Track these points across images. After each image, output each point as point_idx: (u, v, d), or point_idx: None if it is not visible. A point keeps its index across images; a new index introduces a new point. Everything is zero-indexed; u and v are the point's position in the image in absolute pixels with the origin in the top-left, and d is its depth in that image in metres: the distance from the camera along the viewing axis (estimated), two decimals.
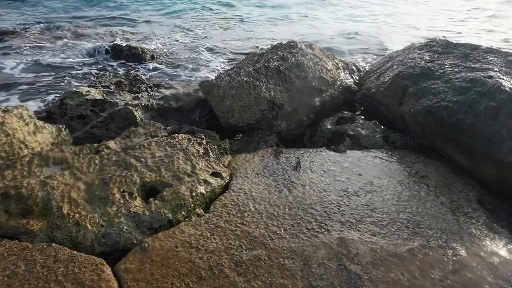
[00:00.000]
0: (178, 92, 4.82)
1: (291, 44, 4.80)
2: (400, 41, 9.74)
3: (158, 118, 4.49)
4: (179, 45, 9.06)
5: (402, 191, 3.02)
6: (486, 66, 3.73)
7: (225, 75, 4.24)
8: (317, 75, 4.43)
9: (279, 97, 4.11)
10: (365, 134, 3.78)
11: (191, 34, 10.11)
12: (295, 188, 2.99)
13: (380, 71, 4.80)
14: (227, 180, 3.08)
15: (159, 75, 6.99)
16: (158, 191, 2.80)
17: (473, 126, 3.24)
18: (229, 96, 4.03)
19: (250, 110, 4.03)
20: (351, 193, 2.95)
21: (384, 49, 8.92)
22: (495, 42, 9.94)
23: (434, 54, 4.39)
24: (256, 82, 4.11)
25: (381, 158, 3.49)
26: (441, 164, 3.49)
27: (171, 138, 3.40)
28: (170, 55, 8.29)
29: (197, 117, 4.59)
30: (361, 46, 9.34)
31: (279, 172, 3.22)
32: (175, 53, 8.41)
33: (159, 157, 3.09)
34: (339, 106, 4.87)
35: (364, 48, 9.10)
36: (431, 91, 3.72)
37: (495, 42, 9.94)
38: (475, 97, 3.35)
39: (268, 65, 4.33)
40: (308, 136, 4.23)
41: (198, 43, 9.33)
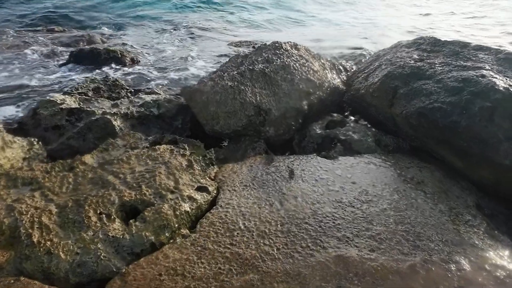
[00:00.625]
0: (159, 98, 4.58)
1: (276, 45, 4.62)
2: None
3: (138, 127, 4.25)
4: (162, 47, 8.78)
5: (399, 199, 2.88)
6: (477, 64, 3.62)
7: (208, 79, 4.03)
8: (304, 77, 4.26)
9: (265, 102, 3.92)
10: (357, 138, 3.62)
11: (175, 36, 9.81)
12: (287, 201, 2.81)
13: (368, 70, 4.66)
14: (214, 195, 2.88)
15: (140, 79, 6.70)
16: (139, 211, 2.58)
17: (468, 128, 3.11)
18: (213, 102, 3.82)
19: (236, 116, 3.83)
20: (346, 204, 2.79)
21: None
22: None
23: (423, 53, 4.27)
24: (241, 87, 3.91)
25: (374, 163, 3.34)
26: (436, 168, 3.36)
27: (152, 150, 3.17)
28: (151, 58, 8.01)
29: (180, 124, 4.36)
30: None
31: (269, 183, 3.03)
32: (157, 56, 8.12)
33: (140, 173, 2.86)
34: (328, 108, 4.71)
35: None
36: (422, 91, 3.59)
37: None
38: (468, 97, 3.23)
39: (253, 68, 4.13)
40: (297, 141, 4.06)
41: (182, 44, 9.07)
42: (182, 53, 8.41)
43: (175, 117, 4.38)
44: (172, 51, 8.54)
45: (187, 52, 8.51)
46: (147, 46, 8.80)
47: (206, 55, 8.46)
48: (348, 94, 4.77)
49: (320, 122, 4.01)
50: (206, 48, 8.96)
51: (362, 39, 9.64)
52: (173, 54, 8.32)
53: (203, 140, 4.24)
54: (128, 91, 5.79)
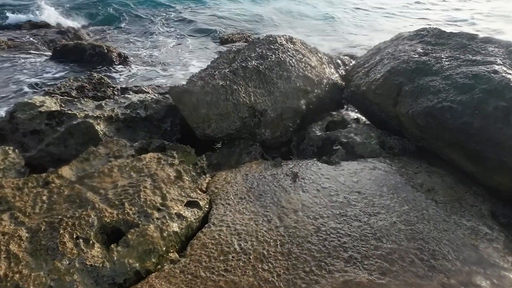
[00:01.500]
0: (146, 98, 4.26)
1: (270, 39, 4.31)
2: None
3: (124, 130, 3.94)
4: (150, 42, 8.40)
5: (409, 210, 2.63)
6: (488, 58, 3.36)
7: (197, 78, 3.72)
8: (301, 74, 3.97)
9: (260, 102, 3.63)
10: (360, 141, 3.36)
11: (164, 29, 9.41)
12: (286, 216, 2.54)
13: (368, 65, 4.38)
14: (205, 210, 2.61)
15: (126, 77, 6.37)
16: (122, 233, 2.30)
17: (481, 130, 2.86)
18: (204, 103, 3.53)
19: (228, 118, 3.54)
20: (352, 218, 2.54)
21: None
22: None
23: (428, 46, 4.00)
24: (233, 86, 3.62)
25: (380, 169, 3.08)
26: (446, 173, 3.11)
27: (137, 160, 2.88)
28: (139, 54, 7.65)
29: (169, 126, 4.06)
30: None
31: (266, 194, 2.77)
32: (146, 52, 7.76)
33: (123, 187, 2.58)
34: (326, 105, 4.44)
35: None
36: (429, 89, 3.33)
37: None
38: (481, 96, 2.97)
39: (246, 65, 3.83)
40: (295, 144, 3.79)
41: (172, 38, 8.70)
42: (171, 47, 8.06)
43: (164, 119, 4.08)
44: (161, 45, 8.17)
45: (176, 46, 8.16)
46: (135, 41, 8.41)
47: (197, 49, 8.12)
48: (348, 91, 4.50)
49: (319, 123, 3.73)
50: (196, 41, 8.61)
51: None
52: (162, 49, 7.96)
53: (194, 143, 3.95)
54: (114, 89, 5.46)
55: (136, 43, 8.28)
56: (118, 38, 8.56)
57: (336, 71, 4.82)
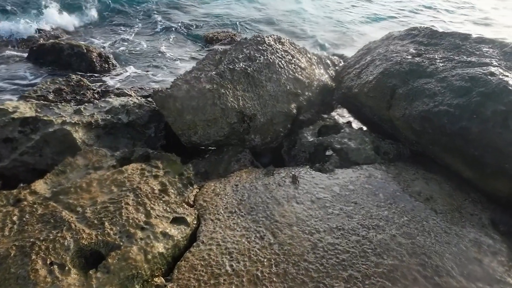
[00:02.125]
0: (128, 102, 4.03)
1: (258, 40, 4.13)
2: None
3: (105, 137, 3.71)
4: (132, 40, 8.11)
5: (409, 222, 2.50)
6: (483, 59, 3.26)
7: (182, 82, 3.52)
8: (291, 76, 3.81)
9: (249, 106, 3.46)
10: (354, 147, 3.22)
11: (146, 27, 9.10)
12: (280, 231, 2.38)
13: (359, 66, 4.25)
14: (193, 226, 2.42)
15: (107, 78, 6.10)
16: (102, 256, 2.10)
17: (480, 135, 2.76)
18: (189, 109, 3.33)
19: (216, 124, 3.35)
20: (350, 232, 2.39)
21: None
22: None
23: (420, 46, 3.89)
24: (221, 90, 3.43)
25: (376, 177, 2.95)
26: (443, 179, 3.01)
27: (118, 173, 2.67)
28: (121, 53, 7.36)
29: (153, 132, 3.84)
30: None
31: (258, 207, 2.60)
32: (127, 50, 7.47)
33: (102, 204, 2.37)
34: (317, 108, 4.30)
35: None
36: (425, 92, 3.21)
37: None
38: (478, 99, 2.87)
39: (234, 68, 3.64)
40: (286, 149, 3.63)
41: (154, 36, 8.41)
42: (155, 46, 7.79)
43: (148, 125, 3.86)
44: (144, 44, 7.89)
45: (160, 45, 7.89)
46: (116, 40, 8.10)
47: (181, 48, 7.87)
48: (338, 92, 4.37)
49: (311, 128, 3.58)
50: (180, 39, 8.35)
51: None
52: (144, 47, 7.69)
53: (180, 149, 3.75)
54: (94, 92, 5.19)
55: (118, 42, 7.97)
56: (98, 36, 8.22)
57: (326, 72, 4.68)
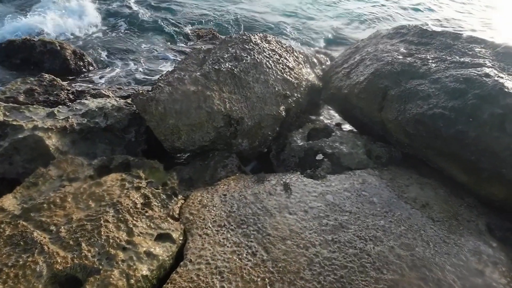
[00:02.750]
0: (106, 104, 3.79)
1: (244, 38, 3.94)
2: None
3: (81, 143, 3.46)
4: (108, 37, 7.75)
5: (406, 231, 2.40)
6: (476, 60, 3.19)
7: (164, 84, 3.30)
8: (279, 77, 3.65)
9: (236, 109, 3.28)
10: (347, 151, 3.10)
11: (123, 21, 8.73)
12: (273, 246, 2.23)
13: (348, 65, 4.13)
14: (180, 243, 2.24)
15: (84, 77, 5.78)
16: (79, 281, 1.90)
17: (477, 139, 2.67)
18: (173, 112, 3.12)
19: (201, 129, 3.16)
20: (346, 244, 2.26)
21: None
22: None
23: (411, 46, 3.80)
24: (206, 92, 3.23)
25: (369, 183, 2.84)
26: (438, 184, 2.92)
27: (96, 185, 2.45)
28: (98, 49, 7.02)
29: (133, 136, 3.62)
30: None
31: (249, 219, 2.44)
32: (105, 46, 7.14)
33: (79, 222, 2.16)
34: (304, 108, 4.17)
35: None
36: (418, 93, 3.11)
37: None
38: (474, 102, 2.78)
39: (219, 68, 3.45)
40: (275, 153, 3.48)
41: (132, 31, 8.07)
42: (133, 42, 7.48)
43: (127, 129, 3.63)
44: (121, 40, 7.57)
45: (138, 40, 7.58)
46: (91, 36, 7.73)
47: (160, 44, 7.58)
48: (327, 93, 4.24)
49: (300, 131, 3.44)
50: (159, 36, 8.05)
51: None
52: (122, 44, 7.36)
53: (163, 154, 3.55)
54: (69, 93, 4.91)
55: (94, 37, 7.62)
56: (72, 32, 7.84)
57: (313, 71, 4.54)
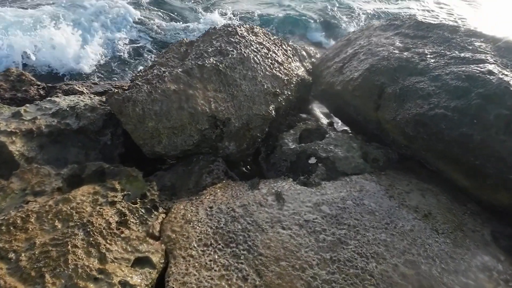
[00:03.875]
0: (79, 103, 3.45)
1: (229, 30, 3.64)
2: None
3: (50, 147, 3.13)
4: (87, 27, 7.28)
5: (410, 247, 2.20)
6: (477, 56, 2.99)
7: (143, 81, 3.00)
8: (268, 73, 3.38)
9: (222, 109, 3.00)
10: (342, 155, 2.88)
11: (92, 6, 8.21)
12: (266, 268, 2.00)
13: (340, 59, 3.89)
14: (161, 267, 1.99)
15: (54, 69, 5.37)
16: None
17: (483, 143, 2.48)
18: (152, 114, 2.83)
19: (184, 132, 2.89)
20: (346, 264, 2.05)
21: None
22: None
23: (406, 39, 3.58)
24: (189, 91, 2.95)
25: (368, 190, 2.63)
26: (439, 190, 2.74)
27: (63, 202, 2.16)
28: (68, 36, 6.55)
29: (109, 139, 3.30)
30: None
31: (238, 236, 2.20)
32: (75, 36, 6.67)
33: (43, 247, 1.87)
34: (292, 105, 3.92)
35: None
36: (417, 92, 2.90)
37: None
38: (478, 102, 2.59)
39: (203, 63, 3.16)
40: (264, 156, 3.24)
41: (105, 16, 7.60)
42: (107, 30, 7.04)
43: (102, 131, 3.31)
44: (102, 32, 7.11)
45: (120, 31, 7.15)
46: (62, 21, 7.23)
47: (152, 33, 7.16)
48: (318, 88, 4.00)
49: (292, 132, 3.19)
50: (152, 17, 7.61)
51: None
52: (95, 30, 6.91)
53: (143, 158, 3.25)
54: (39, 88, 4.55)
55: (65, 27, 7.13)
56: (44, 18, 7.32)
57: (302, 65, 4.28)
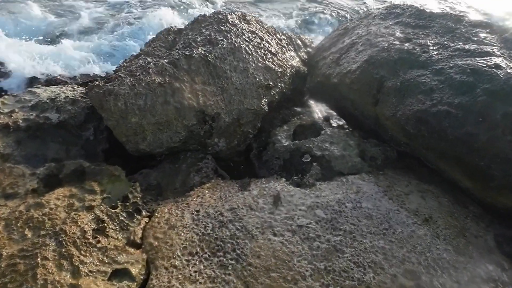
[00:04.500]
0: (59, 96, 3.24)
1: (219, 18, 3.42)
2: None
3: (28, 143, 2.92)
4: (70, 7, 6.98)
5: (410, 254, 2.06)
6: (483, 48, 2.81)
7: (126, 73, 2.79)
8: (261, 65, 3.18)
9: (211, 104, 2.82)
10: (338, 153, 2.71)
11: None
12: (255, 279, 1.85)
13: (337, 50, 3.69)
14: (141, 279, 1.83)
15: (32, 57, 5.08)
16: None
17: (489, 143, 2.33)
18: (135, 109, 2.63)
19: (170, 128, 2.70)
20: (342, 274, 1.91)
21: None
22: None
23: (407, 29, 3.38)
24: (175, 84, 2.75)
25: (365, 192, 2.47)
26: (440, 191, 2.59)
27: (35, 207, 1.98)
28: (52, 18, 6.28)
29: (92, 134, 3.10)
30: None
31: (226, 243, 2.04)
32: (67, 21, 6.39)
33: (10, 260, 1.70)
34: (287, 98, 3.73)
35: None
36: (419, 86, 2.73)
37: None
38: (484, 99, 2.42)
39: (191, 54, 2.95)
40: (256, 152, 3.07)
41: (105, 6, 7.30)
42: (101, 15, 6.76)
43: (84, 125, 3.11)
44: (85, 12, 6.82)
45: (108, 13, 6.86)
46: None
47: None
48: (313, 80, 3.81)
49: (285, 128, 3.01)
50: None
51: None
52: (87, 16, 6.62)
53: (128, 156, 3.06)
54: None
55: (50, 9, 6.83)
56: None
57: (297, 55, 4.08)
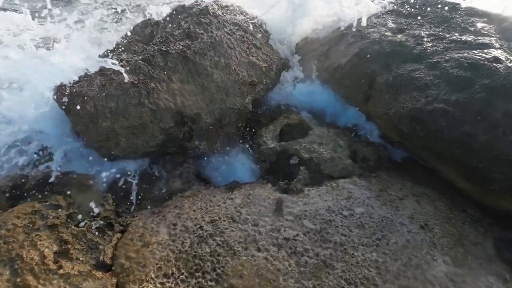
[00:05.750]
0: None
1: (199, 9, 3.17)
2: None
3: None
4: None
5: (405, 268, 1.90)
6: (480, 39, 2.63)
7: (95, 73, 2.56)
8: (244, 60, 2.96)
9: (190, 104, 2.60)
10: (328, 156, 2.52)
11: None
12: None
13: (326, 41, 3.48)
14: None
15: None
16: None
17: (489, 144, 2.16)
18: (106, 112, 2.41)
19: (145, 131, 2.48)
20: None
21: None
22: None
23: (399, 18, 3.18)
24: (150, 83, 2.52)
25: (357, 198, 2.30)
26: (436, 194, 2.43)
27: None
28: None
29: None
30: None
31: (205, 261, 1.86)
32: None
33: None
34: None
35: None
36: (413, 82, 2.54)
37: None
38: (483, 96, 2.24)
39: (167, 50, 2.72)
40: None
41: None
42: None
43: None
44: None
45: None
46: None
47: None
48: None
49: (271, 129, 2.81)
50: None
51: None
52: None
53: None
54: None
55: None
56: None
57: (285, 47, 3.86)
